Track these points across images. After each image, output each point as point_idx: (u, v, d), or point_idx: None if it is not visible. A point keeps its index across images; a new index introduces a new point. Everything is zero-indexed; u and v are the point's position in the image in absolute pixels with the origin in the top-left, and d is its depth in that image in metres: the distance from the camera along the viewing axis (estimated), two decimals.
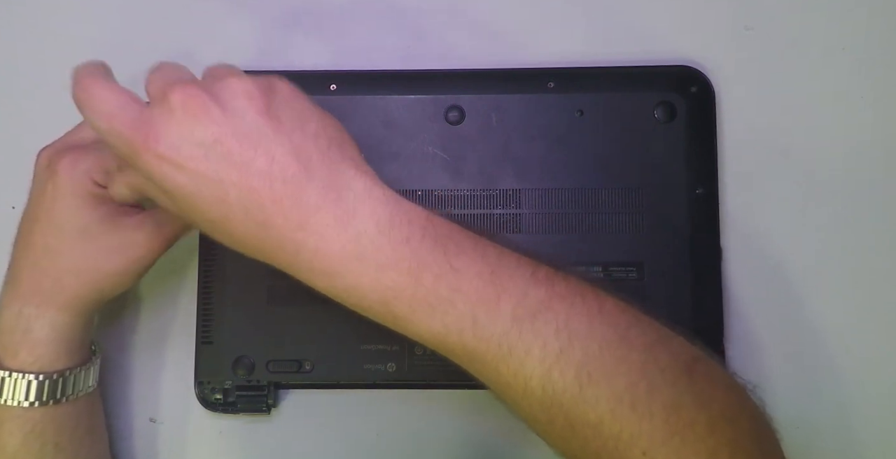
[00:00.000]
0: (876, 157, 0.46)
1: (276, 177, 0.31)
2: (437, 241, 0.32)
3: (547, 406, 0.31)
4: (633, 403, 0.30)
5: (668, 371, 0.31)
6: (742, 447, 0.31)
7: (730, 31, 0.48)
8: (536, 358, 0.31)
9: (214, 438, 0.46)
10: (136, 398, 0.46)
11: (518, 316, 0.31)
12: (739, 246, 0.46)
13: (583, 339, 0.31)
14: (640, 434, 0.30)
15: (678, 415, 0.30)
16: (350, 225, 0.31)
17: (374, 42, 0.48)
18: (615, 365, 0.31)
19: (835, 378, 0.45)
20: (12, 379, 0.38)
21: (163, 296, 0.47)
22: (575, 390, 0.30)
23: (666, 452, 0.30)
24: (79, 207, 0.38)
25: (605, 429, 0.30)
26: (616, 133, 0.46)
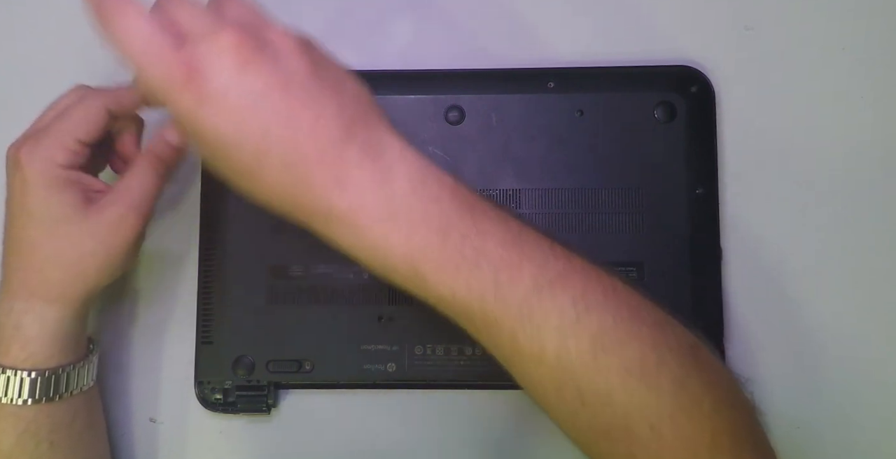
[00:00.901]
0: (876, 157, 0.46)
1: (320, 135, 0.31)
2: (465, 204, 0.32)
3: (559, 375, 0.32)
4: (643, 375, 0.31)
5: (675, 349, 0.32)
6: (741, 433, 0.32)
7: (730, 31, 0.48)
8: (553, 325, 0.31)
9: (214, 438, 0.46)
10: (136, 398, 0.46)
11: (539, 284, 0.32)
12: (739, 246, 0.46)
13: (598, 311, 0.32)
14: (648, 407, 0.31)
15: (685, 392, 0.31)
16: (386, 183, 0.32)
17: (374, 42, 0.48)
18: (627, 339, 0.32)
19: (835, 378, 0.45)
20: (5, 376, 0.38)
21: (162, 296, 0.47)
22: (588, 359, 0.31)
23: (672, 426, 0.31)
24: (48, 194, 0.38)
25: (615, 400, 0.31)
26: (616, 133, 0.46)
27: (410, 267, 0.32)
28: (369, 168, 0.31)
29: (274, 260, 0.45)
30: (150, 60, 0.30)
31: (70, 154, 0.38)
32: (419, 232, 0.31)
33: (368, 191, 0.31)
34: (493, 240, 0.32)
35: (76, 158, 0.39)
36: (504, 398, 0.45)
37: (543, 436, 0.45)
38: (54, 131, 0.38)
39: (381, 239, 0.32)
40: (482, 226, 0.32)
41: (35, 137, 0.39)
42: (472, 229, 0.32)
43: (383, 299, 0.45)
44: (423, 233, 0.31)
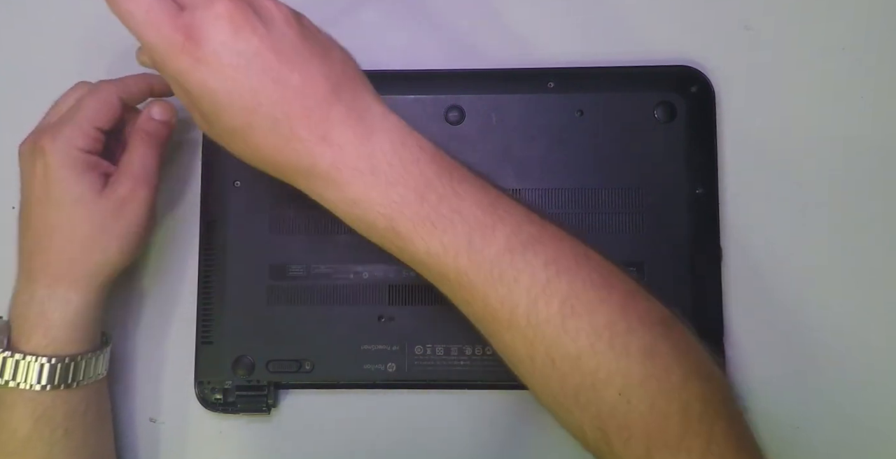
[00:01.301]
0: (876, 157, 0.46)
1: (308, 94, 0.33)
2: (443, 167, 0.34)
3: (530, 338, 0.33)
4: (612, 340, 0.32)
5: (645, 319, 0.33)
6: (713, 404, 0.33)
7: (730, 31, 0.48)
8: (524, 286, 0.33)
9: (214, 438, 0.46)
10: (136, 398, 0.46)
11: (511, 245, 0.33)
12: (739, 246, 0.46)
13: (569, 275, 0.33)
14: (616, 373, 0.32)
15: (654, 360, 0.32)
16: (368, 141, 0.33)
17: (374, 42, 0.48)
18: (597, 303, 0.33)
19: (834, 378, 0.45)
20: (25, 361, 0.39)
21: (163, 296, 0.47)
22: (557, 321, 0.32)
23: (641, 394, 0.32)
24: (70, 177, 0.40)
25: (584, 364, 0.32)
26: (616, 133, 0.46)
27: (388, 223, 0.33)
28: (352, 127, 0.33)
29: (274, 260, 0.45)
30: (152, 27, 0.32)
31: (90, 140, 0.40)
32: (397, 189, 0.33)
33: (350, 147, 0.33)
34: (469, 202, 0.34)
35: (95, 144, 0.41)
36: (504, 398, 0.45)
37: (543, 436, 0.45)
38: (74, 119, 0.40)
39: (361, 194, 0.33)
40: (459, 188, 0.34)
41: (54, 127, 0.41)
42: (450, 190, 0.34)
43: (383, 299, 0.45)
44: (401, 191, 0.33)
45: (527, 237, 0.34)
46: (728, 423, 0.33)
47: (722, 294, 0.45)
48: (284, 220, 0.46)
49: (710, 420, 0.32)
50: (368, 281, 0.45)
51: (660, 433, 0.32)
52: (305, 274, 0.45)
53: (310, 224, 0.46)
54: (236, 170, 0.46)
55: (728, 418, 0.33)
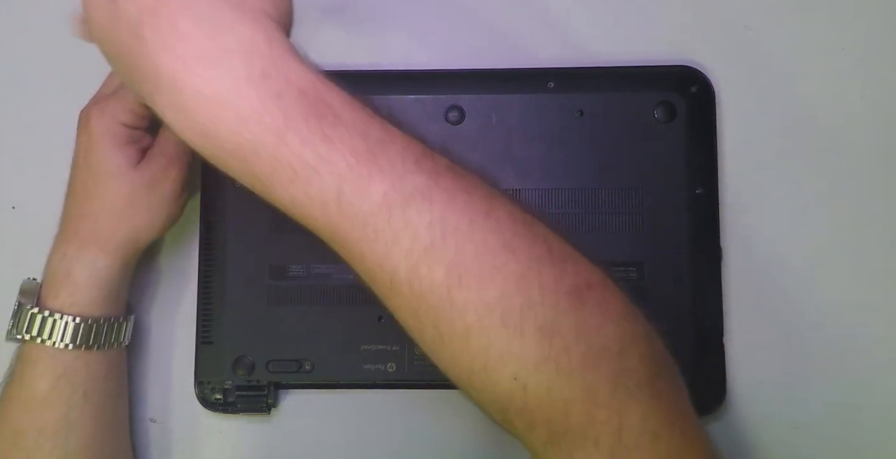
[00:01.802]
0: (876, 157, 0.46)
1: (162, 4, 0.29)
2: (315, 107, 0.29)
3: (415, 308, 0.29)
4: (504, 317, 0.28)
5: (549, 291, 0.29)
6: (626, 385, 0.29)
7: (730, 31, 0.48)
8: (404, 248, 0.28)
9: (214, 438, 0.46)
10: (136, 398, 0.46)
11: (389, 200, 0.28)
12: (739, 246, 0.46)
13: (458, 238, 0.29)
14: (510, 354, 0.28)
15: (552, 340, 0.28)
16: (216, 63, 0.28)
17: (374, 42, 0.48)
18: (490, 273, 0.28)
19: (834, 378, 0.45)
20: (51, 318, 0.40)
21: (163, 296, 0.47)
22: (443, 292, 0.28)
23: (538, 379, 0.28)
24: (110, 148, 0.41)
25: (474, 342, 0.29)
26: (616, 133, 0.46)
27: (242, 163, 0.29)
28: (199, 40, 0.28)
29: (274, 260, 0.45)
30: None
31: (134, 116, 0.41)
32: (249, 126, 0.28)
33: (195, 65, 0.28)
34: (342, 148, 0.29)
35: (139, 120, 0.41)
36: None
37: None
38: (121, 95, 0.41)
39: (207, 124, 0.29)
40: (330, 132, 0.29)
41: (103, 101, 0.42)
42: (318, 133, 0.28)
43: None
44: (254, 129, 0.28)
45: (410, 190, 0.29)
46: (649, 404, 0.29)
47: (722, 294, 0.45)
48: (284, 220, 0.45)
49: (622, 405, 0.28)
50: None
51: (561, 420, 0.28)
52: (305, 274, 0.45)
53: None
54: None
55: (650, 397, 0.29)
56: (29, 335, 0.40)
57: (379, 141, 0.29)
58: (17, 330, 0.40)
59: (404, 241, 0.28)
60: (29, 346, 0.40)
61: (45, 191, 0.48)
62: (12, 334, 0.40)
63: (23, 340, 0.40)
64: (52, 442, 0.40)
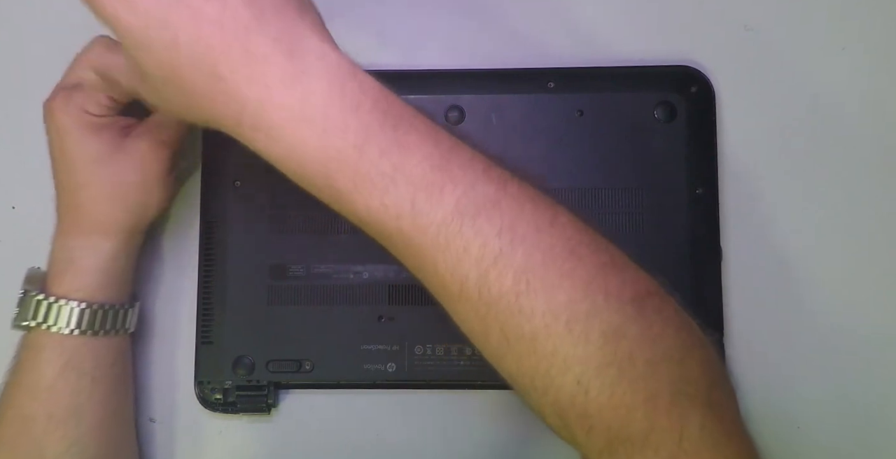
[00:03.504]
0: (876, 157, 0.46)
1: (226, 25, 0.29)
2: (389, 116, 0.30)
3: (482, 314, 0.30)
4: (570, 322, 0.29)
5: (614, 297, 0.30)
6: (686, 393, 0.29)
7: (730, 31, 0.48)
8: (474, 256, 0.29)
9: (214, 438, 0.46)
10: (137, 398, 0.46)
11: (461, 209, 0.29)
12: (739, 246, 0.46)
13: (527, 246, 0.29)
14: (574, 358, 0.29)
15: (617, 345, 0.29)
16: (299, 82, 0.29)
17: (374, 42, 0.48)
18: (558, 279, 0.29)
19: (835, 377, 0.45)
20: (57, 305, 0.40)
21: (163, 296, 0.47)
22: (511, 298, 0.29)
23: (601, 383, 0.29)
24: (84, 138, 0.40)
25: (539, 346, 0.29)
26: (616, 133, 0.46)
27: (325, 177, 0.30)
28: (280, 63, 0.29)
29: (274, 260, 0.45)
30: None
31: (100, 106, 0.40)
32: (333, 141, 0.29)
33: (280, 87, 0.29)
34: (416, 157, 0.30)
35: (109, 110, 0.41)
36: (504, 398, 0.45)
37: (543, 436, 0.45)
38: (88, 88, 0.40)
39: (295, 142, 0.29)
40: (405, 140, 0.30)
41: (65, 91, 0.40)
42: (393, 143, 0.29)
43: (383, 299, 0.45)
44: (338, 143, 0.29)
45: (481, 199, 0.29)
46: (706, 414, 0.29)
47: (722, 294, 0.45)
48: (284, 220, 0.46)
49: (683, 413, 0.29)
50: (368, 281, 0.45)
51: (623, 426, 0.29)
52: (305, 274, 0.45)
53: (310, 224, 0.46)
54: (236, 170, 0.46)
55: (708, 407, 0.29)
56: (35, 321, 0.40)
57: (449, 149, 0.30)
58: (22, 317, 0.40)
59: (475, 249, 0.29)
60: (35, 333, 0.40)
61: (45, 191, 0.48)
62: (18, 321, 0.40)
63: (28, 327, 0.40)
64: (61, 429, 0.40)
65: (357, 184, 0.29)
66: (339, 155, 0.29)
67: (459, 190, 0.29)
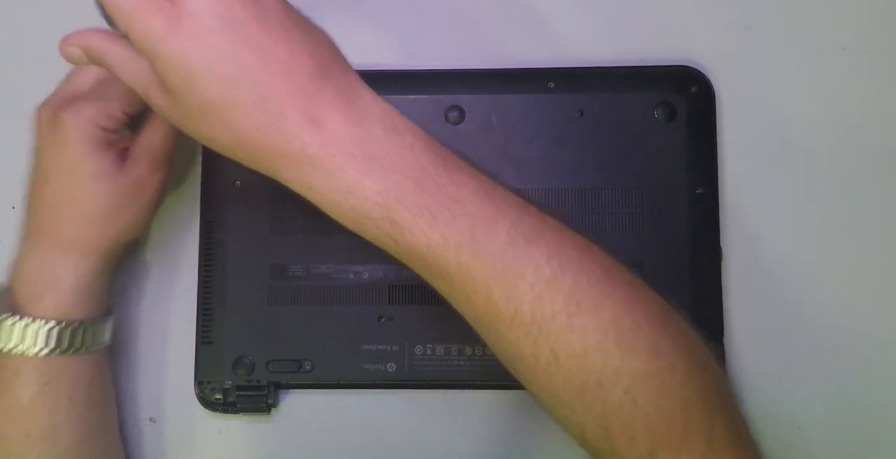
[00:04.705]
0: (876, 157, 0.46)
1: (294, 72, 0.31)
2: (438, 154, 0.32)
3: (534, 334, 0.31)
4: (618, 338, 0.31)
5: (649, 313, 0.32)
6: (713, 399, 0.32)
7: (730, 31, 0.48)
8: (528, 281, 0.31)
9: (214, 438, 0.46)
10: (136, 398, 0.46)
11: (513, 239, 0.31)
12: (739, 246, 0.46)
13: (573, 269, 0.32)
14: (622, 371, 0.31)
15: (659, 357, 0.31)
16: (361, 126, 0.31)
17: (373, 41, 0.48)
18: (601, 299, 0.32)
19: (835, 377, 0.45)
20: (34, 325, 0.39)
21: (163, 296, 0.47)
22: (563, 318, 0.31)
23: (646, 392, 0.31)
24: (90, 154, 0.39)
25: (591, 362, 0.31)
26: (616, 133, 0.46)
27: (385, 213, 0.31)
28: (343, 109, 0.31)
29: (274, 260, 0.45)
30: None
31: (114, 121, 0.40)
32: (394, 177, 0.31)
33: (343, 131, 0.31)
34: (468, 192, 0.32)
35: (119, 125, 0.40)
36: (504, 398, 0.45)
37: (543, 436, 0.45)
38: (101, 98, 0.39)
39: (355, 181, 0.31)
40: (456, 177, 0.32)
41: (78, 102, 0.39)
42: (447, 179, 0.32)
43: (383, 299, 0.45)
44: (399, 179, 0.31)
45: (528, 230, 0.32)
46: (726, 417, 0.32)
47: (722, 294, 0.45)
48: (284, 220, 0.46)
49: (711, 417, 0.32)
50: (368, 281, 0.45)
51: (663, 432, 0.31)
52: (305, 274, 0.45)
53: (310, 224, 0.46)
54: (236, 170, 0.46)
55: (726, 411, 0.33)
56: (10, 345, 0.38)
57: (491, 186, 0.33)
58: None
59: (528, 275, 0.31)
60: (10, 356, 0.39)
61: None
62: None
63: (1, 351, 0.39)
64: (38, 448, 0.39)
65: (417, 218, 0.31)
66: (399, 190, 0.31)
67: (509, 221, 0.32)
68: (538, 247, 0.32)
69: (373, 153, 0.31)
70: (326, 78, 0.31)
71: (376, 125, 0.32)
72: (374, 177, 0.31)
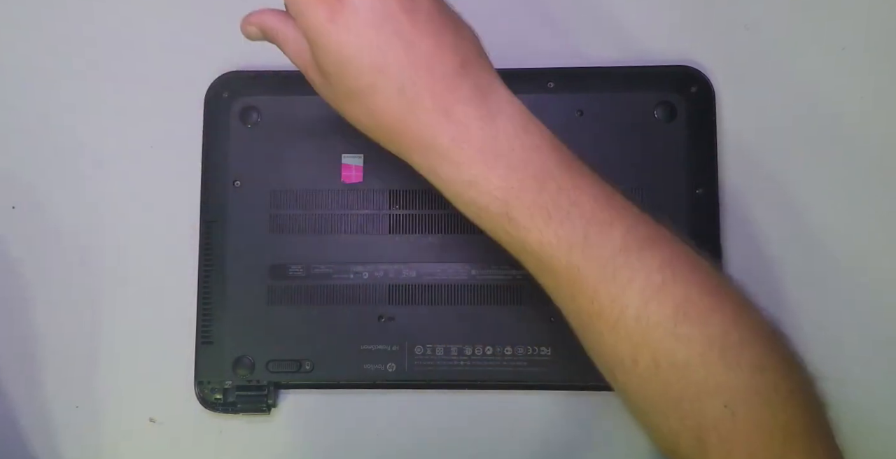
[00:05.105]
0: (876, 157, 0.46)
1: (436, 65, 0.32)
2: (563, 158, 0.33)
3: (636, 340, 0.32)
4: (723, 352, 0.31)
5: (757, 331, 0.32)
6: (813, 424, 0.32)
7: (730, 31, 0.48)
8: (638, 287, 0.32)
9: (214, 438, 0.46)
10: (136, 398, 0.46)
11: (627, 244, 0.32)
12: (739, 246, 0.46)
13: (684, 280, 0.32)
14: (724, 385, 0.31)
15: (763, 375, 0.31)
16: (492, 123, 0.33)
17: None
18: (710, 312, 0.32)
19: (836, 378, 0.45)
20: None
21: (163, 296, 0.47)
22: (669, 326, 0.31)
23: (747, 409, 0.31)
24: None
25: (692, 373, 0.31)
26: (616, 133, 0.46)
27: (503, 209, 0.32)
28: (477, 105, 0.33)
29: (274, 260, 0.45)
30: None
31: None
32: (517, 175, 0.32)
33: (474, 126, 0.32)
34: (588, 196, 0.33)
35: None
36: (504, 398, 0.45)
37: (543, 436, 0.45)
38: None
39: (479, 175, 0.32)
40: (577, 181, 0.33)
41: None
42: (568, 182, 0.33)
43: (383, 299, 0.45)
44: (521, 177, 0.32)
45: (642, 237, 0.33)
46: (827, 442, 0.32)
47: None
48: (284, 220, 0.46)
49: (812, 439, 0.32)
50: (368, 281, 0.45)
51: (762, 449, 0.31)
52: (305, 274, 0.45)
53: (310, 224, 0.46)
54: (236, 170, 0.46)
55: (826, 438, 0.33)
56: None
57: (610, 193, 0.34)
58: None
59: (639, 281, 0.32)
60: None
61: (45, 191, 0.48)
62: None
63: None
64: None
65: (534, 215, 0.32)
66: (520, 187, 0.32)
67: (625, 227, 0.33)
68: (652, 255, 0.32)
69: (500, 150, 0.32)
70: (466, 74, 0.33)
71: (507, 123, 0.33)
72: (499, 173, 0.32)
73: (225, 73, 0.47)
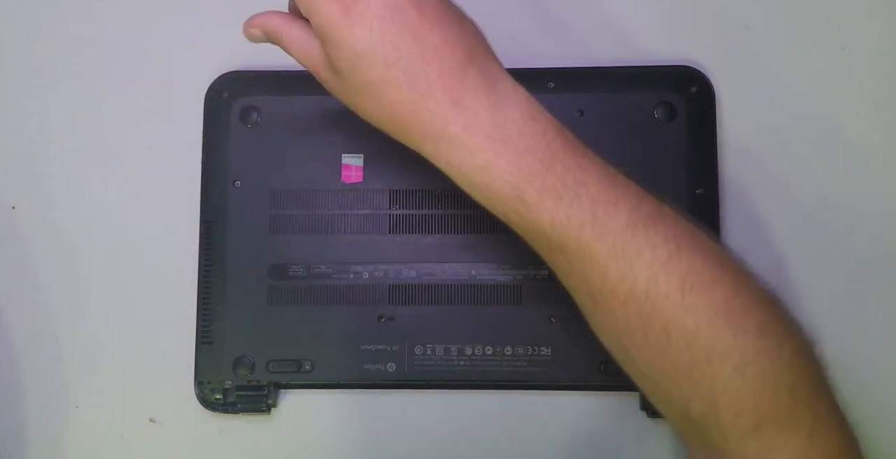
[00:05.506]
0: (876, 157, 0.46)
1: (445, 57, 0.34)
2: (567, 141, 0.35)
3: (647, 313, 0.33)
4: (730, 317, 0.33)
5: (758, 296, 0.34)
6: (816, 383, 0.34)
7: (730, 31, 0.48)
8: (646, 261, 0.33)
9: (214, 438, 0.46)
10: (136, 398, 0.46)
11: (633, 221, 0.34)
12: (739, 246, 0.46)
13: (688, 252, 0.34)
14: (732, 349, 0.33)
15: (768, 337, 0.33)
16: (501, 110, 0.34)
17: None
18: (713, 282, 0.33)
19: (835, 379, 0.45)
20: None
21: (163, 296, 0.47)
22: (677, 297, 0.33)
23: (754, 370, 0.33)
24: None
25: (702, 339, 0.33)
26: (616, 133, 0.46)
27: (515, 192, 0.34)
28: (485, 93, 0.34)
29: (274, 260, 0.45)
30: None
31: None
32: (526, 159, 0.34)
33: (484, 114, 0.34)
34: (592, 177, 0.34)
35: None
36: (504, 398, 0.45)
37: (543, 436, 0.45)
38: None
39: (490, 160, 0.34)
40: (582, 162, 0.34)
41: None
42: (574, 163, 0.34)
43: (383, 299, 0.45)
44: (530, 161, 0.34)
45: (647, 214, 0.34)
46: (829, 401, 0.34)
47: None
48: (284, 220, 0.46)
49: (817, 398, 0.34)
50: (368, 281, 0.45)
51: (771, 408, 0.33)
52: (305, 274, 0.45)
53: (310, 224, 0.46)
54: (236, 170, 0.46)
55: (829, 396, 0.35)
56: None
57: (613, 173, 0.35)
58: None
59: (646, 255, 0.33)
60: None
61: (45, 191, 0.48)
62: None
63: None
64: None
65: (544, 197, 0.34)
66: (529, 171, 0.34)
67: (630, 205, 0.34)
68: (656, 230, 0.34)
69: (509, 136, 0.34)
70: (473, 64, 0.34)
71: (514, 110, 0.34)
72: (509, 158, 0.34)
73: (225, 73, 0.47)
